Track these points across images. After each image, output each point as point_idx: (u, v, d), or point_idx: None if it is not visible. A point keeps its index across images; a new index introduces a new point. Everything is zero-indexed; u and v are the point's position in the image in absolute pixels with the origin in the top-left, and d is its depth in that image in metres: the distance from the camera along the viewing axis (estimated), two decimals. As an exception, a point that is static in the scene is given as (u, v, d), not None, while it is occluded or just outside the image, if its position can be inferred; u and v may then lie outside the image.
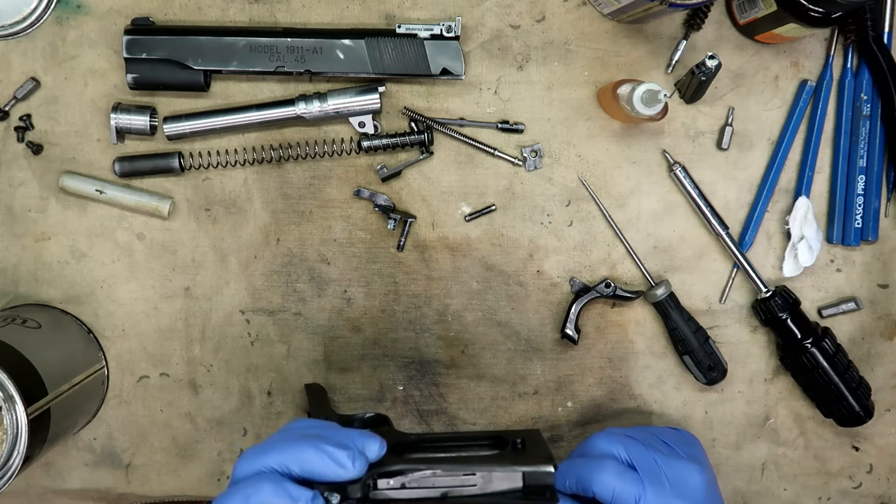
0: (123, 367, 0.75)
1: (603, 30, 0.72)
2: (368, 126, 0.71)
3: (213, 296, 0.74)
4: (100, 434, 0.75)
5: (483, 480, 0.48)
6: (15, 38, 0.71)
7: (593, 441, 0.56)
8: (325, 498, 0.46)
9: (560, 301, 0.74)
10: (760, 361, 0.75)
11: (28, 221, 0.73)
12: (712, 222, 0.72)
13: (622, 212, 0.73)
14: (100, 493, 0.76)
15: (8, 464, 0.59)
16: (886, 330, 0.75)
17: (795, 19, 0.63)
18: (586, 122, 0.73)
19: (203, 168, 0.72)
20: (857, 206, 0.72)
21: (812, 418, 0.75)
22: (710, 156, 0.73)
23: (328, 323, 0.74)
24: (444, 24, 0.69)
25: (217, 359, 0.75)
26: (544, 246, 0.74)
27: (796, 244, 0.72)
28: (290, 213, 0.73)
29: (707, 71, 0.65)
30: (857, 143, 0.72)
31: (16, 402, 0.59)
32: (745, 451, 0.75)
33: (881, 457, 0.76)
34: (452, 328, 0.74)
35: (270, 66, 0.69)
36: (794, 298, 0.71)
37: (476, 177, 0.73)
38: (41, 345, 0.66)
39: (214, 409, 0.75)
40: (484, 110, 0.73)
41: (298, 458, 0.46)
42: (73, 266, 0.74)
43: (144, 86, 0.70)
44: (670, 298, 0.72)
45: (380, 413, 0.66)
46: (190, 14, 0.72)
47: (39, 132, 0.72)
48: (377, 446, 0.49)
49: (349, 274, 0.74)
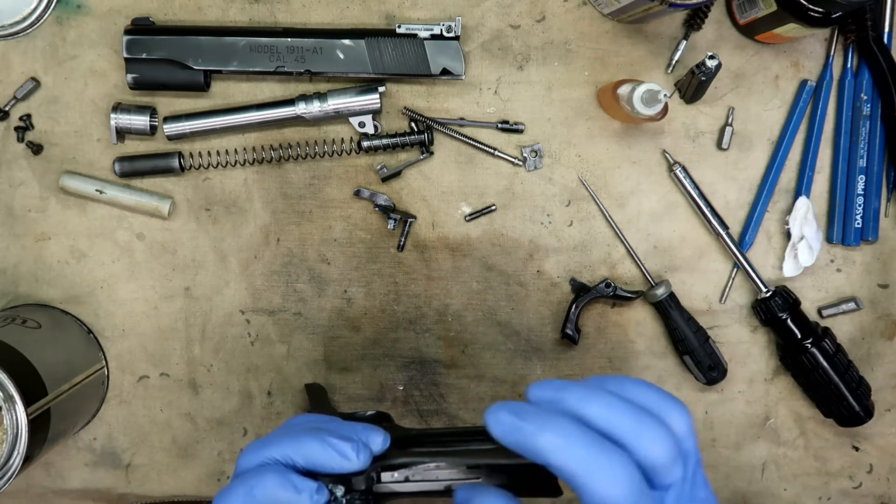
0: (123, 367, 0.75)
1: (603, 30, 0.72)
2: (368, 126, 0.71)
3: (213, 296, 0.74)
4: (100, 434, 0.75)
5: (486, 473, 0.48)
6: (15, 38, 0.71)
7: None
8: (329, 490, 0.46)
9: (560, 301, 0.74)
10: (760, 361, 0.75)
11: (28, 221, 0.73)
12: (712, 222, 0.72)
13: (622, 212, 0.73)
14: (100, 493, 0.76)
15: (8, 464, 0.59)
16: (886, 330, 0.75)
17: (795, 19, 0.63)
18: (586, 122, 0.73)
19: (203, 168, 0.72)
20: (857, 206, 0.72)
21: (812, 418, 0.75)
22: (710, 156, 0.73)
23: (328, 323, 0.74)
24: (444, 24, 0.69)
25: (217, 359, 0.75)
26: (544, 246, 0.74)
27: (796, 244, 0.72)
28: (290, 213, 0.73)
29: (707, 71, 0.65)
30: (857, 143, 0.72)
31: (16, 402, 0.59)
32: (745, 451, 0.75)
33: (881, 457, 0.76)
34: (452, 328, 0.74)
35: (270, 66, 0.69)
36: (794, 298, 0.71)
37: (476, 177, 0.73)
38: (41, 345, 0.66)
39: (214, 409, 0.75)
40: (484, 110, 0.73)
41: (302, 450, 0.46)
42: (73, 266, 0.74)
43: (144, 86, 0.70)
44: (670, 298, 0.72)
45: (381, 410, 0.66)
46: (190, 14, 0.72)
47: (39, 132, 0.72)
48: (381, 439, 0.49)
49: (349, 274, 0.74)
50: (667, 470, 0.39)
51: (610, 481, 0.36)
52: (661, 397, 0.41)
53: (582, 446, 0.37)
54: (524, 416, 0.39)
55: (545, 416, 0.38)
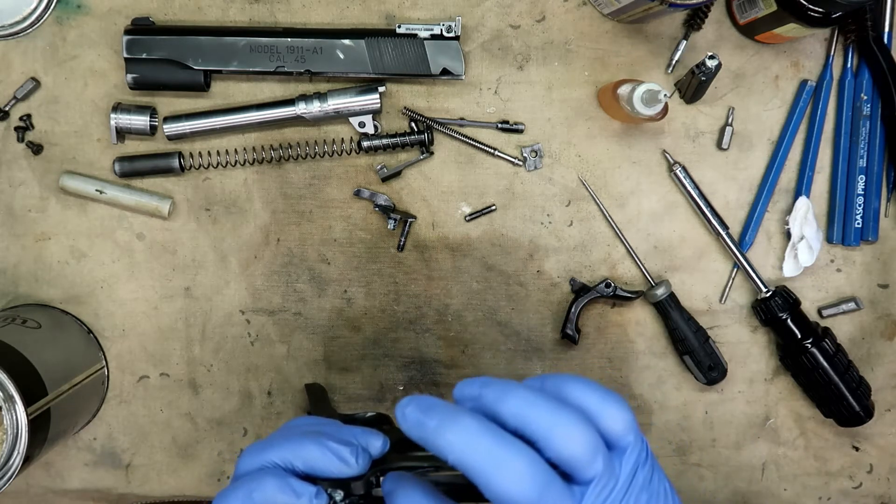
0: (123, 367, 0.75)
1: (603, 30, 0.72)
2: (368, 126, 0.71)
3: (213, 296, 0.74)
4: (100, 434, 0.75)
5: None
6: (15, 38, 0.71)
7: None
8: (328, 494, 0.46)
9: (560, 301, 0.74)
10: (760, 361, 0.75)
11: (28, 221, 0.73)
12: (712, 222, 0.72)
13: (622, 212, 0.73)
14: (100, 493, 0.76)
15: (8, 464, 0.59)
16: (886, 330, 0.75)
17: (795, 19, 0.63)
18: (586, 122, 0.73)
19: (203, 168, 0.72)
20: (857, 206, 0.72)
21: (812, 418, 0.75)
22: (710, 156, 0.73)
23: (328, 323, 0.74)
24: (444, 24, 0.69)
25: (217, 359, 0.75)
26: (544, 246, 0.74)
27: (796, 244, 0.72)
28: (290, 213, 0.73)
29: (707, 71, 0.65)
30: (857, 143, 0.72)
31: (16, 402, 0.59)
32: (745, 451, 0.75)
33: (881, 457, 0.76)
34: (452, 328, 0.74)
35: (270, 66, 0.69)
36: (794, 298, 0.71)
37: (476, 177, 0.73)
38: (41, 345, 0.66)
39: (214, 409, 0.75)
40: (484, 110, 0.73)
41: (302, 454, 0.46)
42: (73, 266, 0.74)
43: (144, 86, 0.70)
44: (670, 298, 0.72)
45: (380, 412, 0.66)
46: (190, 14, 0.72)
47: (39, 132, 0.72)
48: (380, 443, 0.49)
49: (349, 274, 0.74)
50: (586, 464, 0.38)
51: (511, 477, 0.36)
52: (601, 394, 0.40)
53: (483, 443, 0.37)
54: (430, 412, 0.39)
55: (450, 414, 0.38)
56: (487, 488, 0.37)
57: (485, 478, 0.36)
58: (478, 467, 0.37)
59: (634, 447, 0.41)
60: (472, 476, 0.37)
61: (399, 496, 0.43)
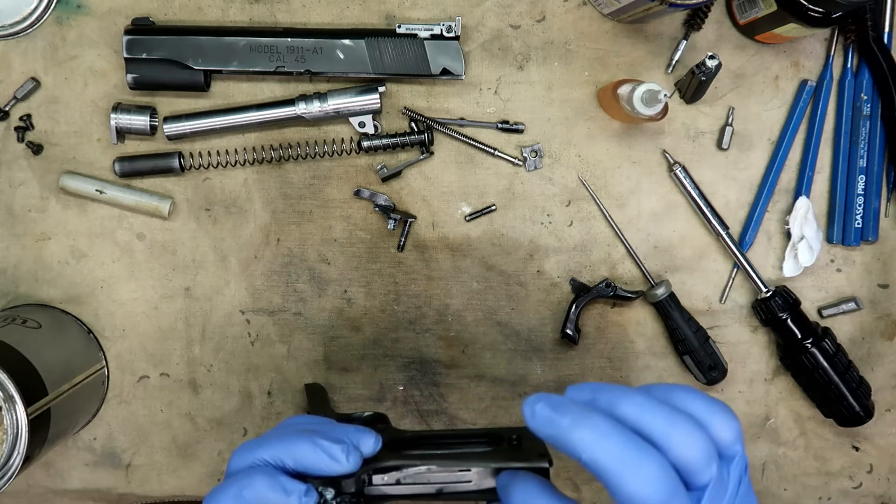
0: (123, 367, 0.75)
1: (603, 30, 0.72)
2: (368, 126, 0.71)
3: (213, 296, 0.74)
4: (100, 434, 0.75)
5: (478, 476, 0.48)
6: (15, 38, 0.71)
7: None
8: (318, 492, 0.46)
9: (560, 301, 0.74)
10: (760, 361, 0.75)
11: (28, 221, 0.73)
12: (712, 222, 0.72)
13: (622, 212, 0.73)
14: (100, 493, 0.76)
15: (8, 464, 0.59)
16: (886, 330, 0.75)
17: (795, 19, 0.63)
18: (586, 122, 0.73)
19: (203, 168, 0.72)
20: (857, 206, 0.72)
21: (812, 418, 0.75)
22: (710, 156, 0.73)
23: (328, 323, 0.74)
24: (444, 24, 0.69)
25: (217, 359, 0.75)
26: (544, 246, 0.74)
27: (796, 244, 0.72)
28: (290, 213, 0.73)
29: (707, 71, 0.65)
30: (857, 143, 0.72)
31: (16, 402, 0.59)
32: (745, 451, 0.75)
33: (881, 457, 0.76)
34: (452, 328, 0.74)
35: (270, 66, 0.69)
36: (794, 298, 0.71)
37: (476, 177, 0.73)
38: (41, 345, 0.66)
39: (214, 409, 0.75)
40: (484, 110, 0.73)
41: (293, 452, 0.46)
42: (73, 266, 0.74)
43: (144, 86, 0.70)
44: (670, 298, 0.72)
45: (378, 412, 0.66)
46: (190, 14, 0.72)
47: (39, 132, 0.72)
48: (372, 441, 0.49)
49: (349, 274, 0.74)
50: (701, 470, 0.39)
51: (643, 479, 0.36)
52: (710, 403, 0.41)
53: (616, 443, 0.37)
54: (560, 409, 0.39)
55: (581, 412, 0.38)
56: (619, 489, 0.37)
57: (617, 478, 0.37)
58: (610, 468, 0.37)
59: (742, 457, 0.42)
60: (602, 475, 0.37)
61: (515, 490, 0.43)
